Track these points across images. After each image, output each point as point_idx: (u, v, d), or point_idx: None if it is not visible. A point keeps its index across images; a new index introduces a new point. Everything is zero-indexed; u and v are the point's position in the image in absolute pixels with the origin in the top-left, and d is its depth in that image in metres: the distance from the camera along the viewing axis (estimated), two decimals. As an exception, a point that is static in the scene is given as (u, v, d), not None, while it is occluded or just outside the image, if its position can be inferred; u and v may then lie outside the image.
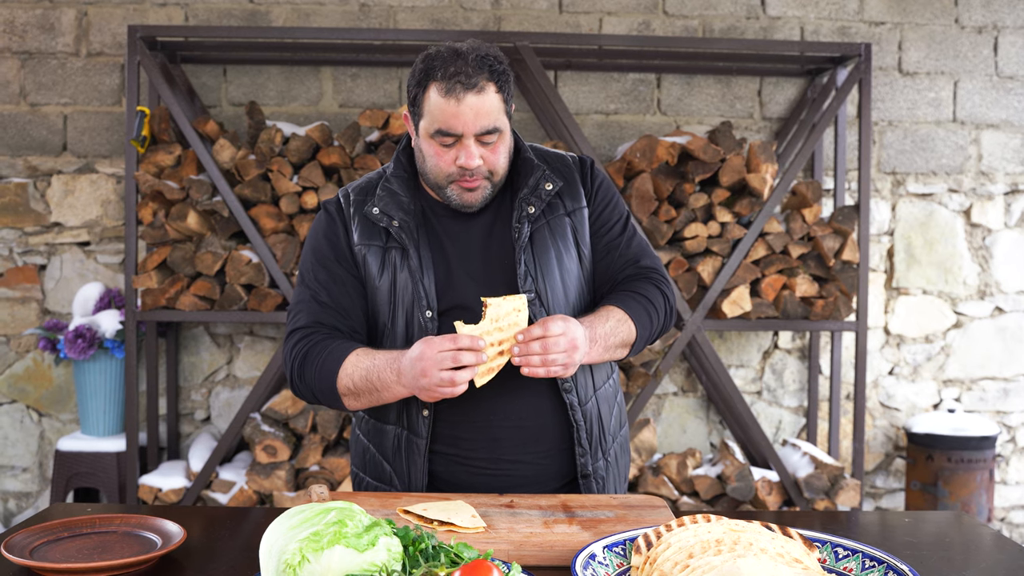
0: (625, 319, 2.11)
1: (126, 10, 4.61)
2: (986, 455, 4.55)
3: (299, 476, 4.26)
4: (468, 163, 2.04)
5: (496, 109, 2.04)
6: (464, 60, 2.01)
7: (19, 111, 4.65)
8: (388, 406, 2.18)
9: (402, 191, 2.17)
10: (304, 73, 4.69)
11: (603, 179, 2.27)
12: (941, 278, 4.92)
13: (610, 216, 2.25)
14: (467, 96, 1.99)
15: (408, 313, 2.12)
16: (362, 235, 2.16)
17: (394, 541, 1.45)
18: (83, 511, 2.04)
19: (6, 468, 4.75)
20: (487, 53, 2.05)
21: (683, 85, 4.80)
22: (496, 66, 2.04)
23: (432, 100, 2.03)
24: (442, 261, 2.15)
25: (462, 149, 2.04)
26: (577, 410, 2.16)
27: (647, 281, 2.22)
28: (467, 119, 2.01)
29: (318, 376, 2.08)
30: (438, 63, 2.02)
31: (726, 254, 4.28)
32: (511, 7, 4.70)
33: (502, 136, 2.08)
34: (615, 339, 2.09)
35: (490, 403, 2.12)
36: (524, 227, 2.13)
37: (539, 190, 2.15)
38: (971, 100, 4.88)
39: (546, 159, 2.24)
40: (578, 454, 2.17)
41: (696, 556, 1.48)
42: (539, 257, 2.14)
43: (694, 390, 4.88)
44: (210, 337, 4.75)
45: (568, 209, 2.19)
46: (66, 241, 4.66)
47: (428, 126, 2.05)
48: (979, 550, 1.93)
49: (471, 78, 1.99)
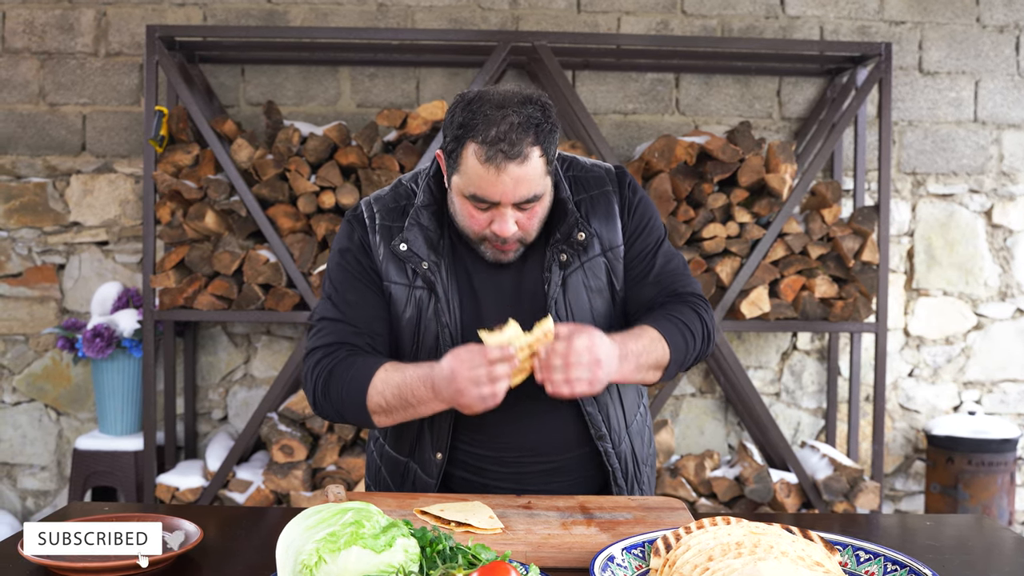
0: (659, 340, 1.97)
1: (145, 10, 4.63)
2: (1007, 458, 4.51)
3: (316, 476, 4.26)
4: (502, 231, 1.92)
5: (539, 175, 1.89)
6: (508, 123, 1.83)
7: (38, 111, 4.67)
8: (402, 438, 2.13)
9: (431, 225, 2.04)
10: (322, 73, 4.70)
11: (640, 199, 2.12)
12: (962, 279, 4.88)
13: (646, 242, 2.11)
14: (509, 166, 1.84)
15: (431, 353, 2.04)
16: (388, 269, 2.06)
17: (411, 542, 1.45)
18: (100, 510, 2.04)
19: (25, 467, 4.77)
20: (531, 114, 1.86)
21: (702, 85, 4.78)
22: (543, 125, 1.87)
23: (469, 162, 1.87)
24: (471, 306, 2.05)
25: (497, 215, 1.91)
26: (612, 456, 2.11)
27: (685, 305, 2.09)
28: (507, 189, 1.86)
29: (345, 393, 1.97)
30: (479, 121, 1.85)
31: (745, 255, 4.26)
32: (529, 7, 4.69)
33: (541, 200, 1.94)
34: (648, 359, 1.95)
35: (520, 445, 2.08)
36: (555, 275, 2.03)
37: (572, 239, 2.02)
38: (992, 100, 4.84)
39: (583, 185, 2.09)
40: (614, 491, 2.13)
41: (716, 559, 1.46)
42: (572, 305, 2.04)
43: (712, 391, 4.86)
44: (227, 337, 4.76)
45: (604, 248, 2.07)
46: (85, 240, 4.68)
47: (463, 186, 1.91)
48: (1001, 553, 1.91)
49: (515, 147, 1.83)
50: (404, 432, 2.14)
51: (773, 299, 4.31)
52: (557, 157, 2.09)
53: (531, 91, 1.93)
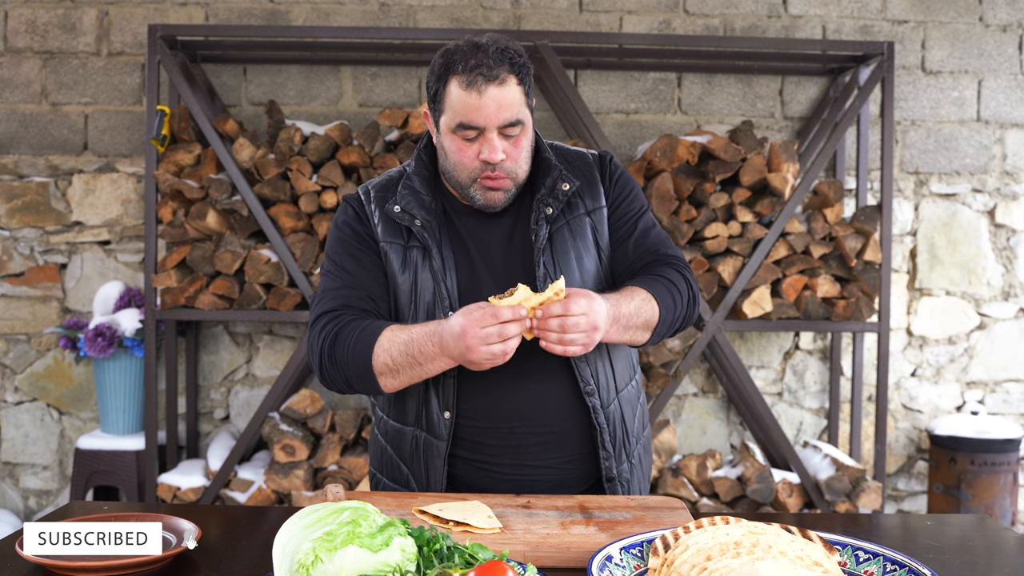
0: (649, 299, 2.06)
1: (147, 9, 4.63)
2: (1010, 458, 4.50)
3: (317, 476, 4.26)
4: (492, 156, 2.01)
5: (518, 101, 2.02)
6: (484, 52, 1.99)
7: (40, 110, 4.67)
8: (407, 408, 2.16)
9: (424, 190, 2.15)
10: (324, 72, 4.70)
11: (621, 172, 2.25)
12: (964, 279, 4.87)
13: (629, 207, 2.22)
14: (489, 88, 1.98)
15: (429, 313, 2.10)
16: (384, 232, 2.15)
17: (408, 541, 1.44)
18: (100, 509, 2.04)
19: (27, 466, 4.78)
20: (507, 46, 2.03)
21: (704, 84, 4.77)
22: (516, 59, 2.02)
23: (453, 94, 2.00)
24: (464, 262, 2.13)
25: (485, 143, 2.02)
26: (600, 413, 2.13)
27: (669, 267, 2.18)
28: (489, 111, 1.99)
29: (352, 355, 2.01)
30: (458, 57, 2.00)
31: (747, 254, 4.25)
32: (531, 6, 4.69)
33: (524, 129, 2.06)
34: (638, 319, 2.04)
35: (513, 410, 2.10)
36: (542, 228, 2.11)
37: (556, 191, 2.13)
38: (995, 99, 4.83)
39: (566, 157, 2.22)
40: (602, 457, 2.15)
41: (714, 559, 1.46)
42: (559, 258, 2.11)
43: (714, 391, 4.85)
44: (229, 336, 4.76)
45: (588, 208, 2.17)
46: (87, 240, 4.69)
47: (450, 120, 2.03)
48: (1003, 554, 1.90)
49: (492, 70, 1.98)
50: (408, 400, 2.16)
51: (775, 299, 4.31)
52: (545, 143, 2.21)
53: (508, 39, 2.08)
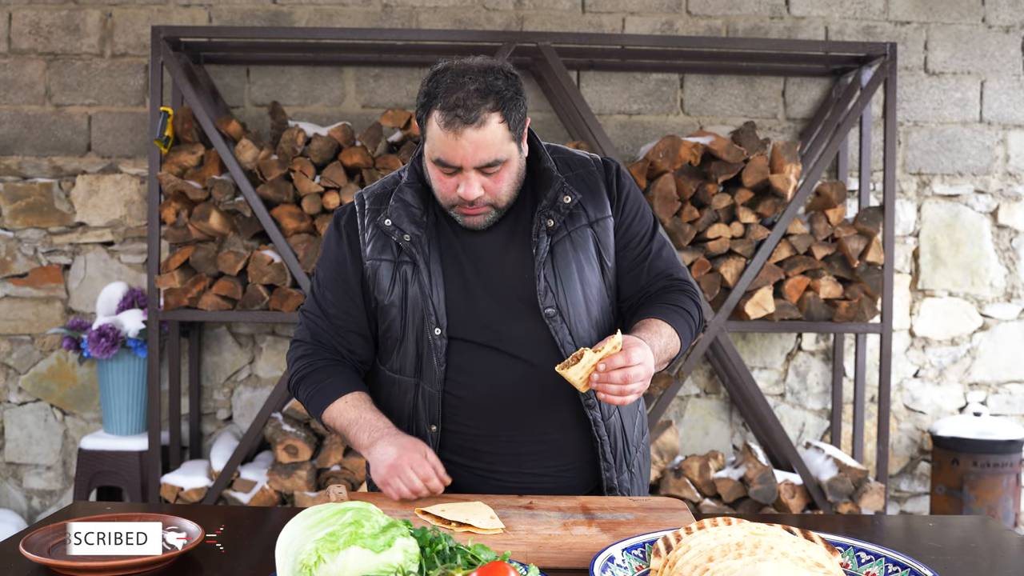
0: (673, 335, 2.06)
1: (150, 11, 4.64)
2: (1012, 459, 4.50)
3: (320, 476, 4.26)
4: (467, 194, 1.97)
5: (498, 140, 1.94)
6: (466, 90, 1.90)
7: (44, 112, 4.68)
8: (399, 417, 2.17)
9: (415, 202, 2.11)
10: (327, 74, 4.70)
11: (630, 187, 2.19)
12: (967, 280, 4.86)
13: (639, 228, 2.18)
14: (466, 131, 1.90)
15: (418, 330, 2.09)
16: (374, 248, 2.12)
17: (411, 542, 1.45)
18: (103, 509, 2.05)
19: (30, 466, 4.78)
20: (492, 82, 1.93)
21: (706, 85, 4.77)
22: (504, 92, 1.94)
23: (433, 128, 1.95)
24: (456, 276, 2.10)
25: (462, 179, 1.97)
26: (601, 425, 2.12)
27: (683, 294, 2.16)
28: (466, 153, 1.93)
29: (308, 404, 2.18)
30: (441, 90, 1.93)
31: (749, 255, 4.25)
32: (534, 7, 4.69)
33: (507, 165, 1.99)
34: (665, 355, 2.05)
35: (512, 419, 2.09)
36: (543, 241, 2.06)
37: (558, 203, 2.07)
38: (998, 100, 4.82)
39: (568, 164, 2.15)
40: (603, 468, 2.15)
41: (716, 560, 1.46)
42: (560, 271, 2.07)
43: (717, 392, 4.85)
44: (232, 337, 4.76)
45: (591, 219, 2.11)
46: (90, 241, 4.69)
47: (430, 152, 1.99)
48: (1005, 555, 1.90)
49: (471, 112, 1.89)
50: (397, 410, 2.19)
51: (778, 300, 4.31)
52: (548, 147, 2.15)
53: (498, 62, 2.01)
